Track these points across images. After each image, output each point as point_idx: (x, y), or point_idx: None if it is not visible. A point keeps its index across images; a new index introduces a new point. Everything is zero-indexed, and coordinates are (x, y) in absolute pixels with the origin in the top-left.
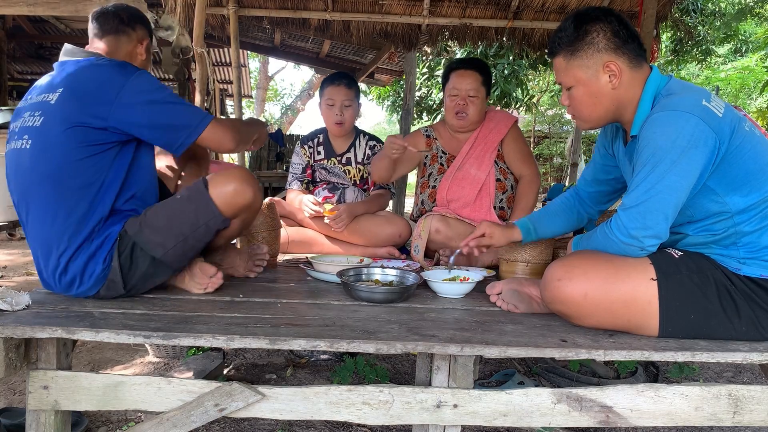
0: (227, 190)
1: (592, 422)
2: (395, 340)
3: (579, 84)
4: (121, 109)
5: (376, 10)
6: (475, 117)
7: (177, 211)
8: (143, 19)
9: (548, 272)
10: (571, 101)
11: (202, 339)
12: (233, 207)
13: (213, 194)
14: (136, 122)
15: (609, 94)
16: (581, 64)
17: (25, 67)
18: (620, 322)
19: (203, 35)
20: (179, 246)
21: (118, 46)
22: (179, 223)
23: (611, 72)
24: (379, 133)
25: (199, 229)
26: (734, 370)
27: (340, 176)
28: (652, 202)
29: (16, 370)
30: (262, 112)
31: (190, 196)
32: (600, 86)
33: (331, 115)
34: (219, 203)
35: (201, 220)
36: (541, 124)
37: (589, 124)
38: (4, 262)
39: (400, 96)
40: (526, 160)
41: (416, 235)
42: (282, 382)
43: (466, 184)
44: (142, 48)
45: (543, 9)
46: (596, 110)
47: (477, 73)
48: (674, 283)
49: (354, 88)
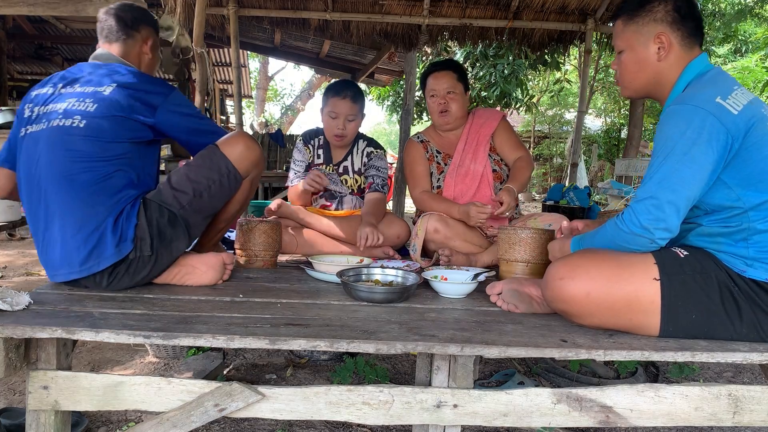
0: (239, 148)
1: (592, 422)
2: (395, 340)
3: (629, 49)
4: (165, 113)
5: (376, 10)
6: (458, 113)
7: (194, 169)
8: (147, 18)
9: (550, 271)
10: (618, 66)
11: (202, 339)
12: (245, 161)
13: (225, 152)
14: (178, 127)
15: (653, 65)
16: (636, 30)
17: (25, 67)
18: (622, 322)
19: (203, 35)
20: (195, 201)
21: (128, 51)
22: (196, 177)
23: (661, 44)
24: (379, 134)
25: (214, 185)
26: (734, 370)
27: (337, 184)
28: (665, 195)
29: (16, 370)
30: (262, 112)
31: (205, 155)
32: (647, 55)
33: (332, 127)
34: (232, 158)
35: (215, 175)
36: (541, 124)
37: (628, 91)
38: (4, 262)
39: (400, 96)
40: (517, 147)
41: (414, 234)
42: (282, 382)
43: (468, 179)
44: (148, 47)
45: (543, 9)
46: (637, 78)
47: (451, 72)
48: (677, 283)
49: (360, 101)
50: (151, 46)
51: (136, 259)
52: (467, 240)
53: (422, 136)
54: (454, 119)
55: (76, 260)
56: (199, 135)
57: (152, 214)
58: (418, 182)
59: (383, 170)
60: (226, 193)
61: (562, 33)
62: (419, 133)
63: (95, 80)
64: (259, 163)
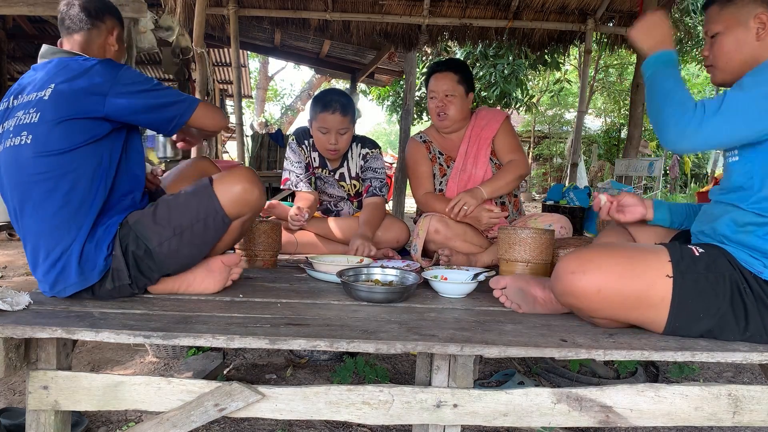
0: (235, 189)
1: (592, 422)
2: (395, 340)
3: (726, 29)
4: (114, 99)
5: (376, 10)
6: (456, 116)
7: (179, 204)
8: (111, 8)
9: (561, 264)
10: (712, 50)
11: (202, 339)
12: (237, 205)
13: (218, 191)
14: (131, 109)
15: (751, 44)
16: (734, 11)
17: (25, 67)
18: (632, 317)
19: (203, 35)
20: (174, 240)
21: (90, 41)
22: (178, 214)
23: (761, 23)
24: (379, 134)
25: (197, 224)
26: (734, 370)
27: (334, 187)
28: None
29: (16, 370)
30: (262, 112)
31: (194, 190)
32: (746, 35)
33: (324, 142)
34: (223, 200)
35: (201, 214)
36: (541, 124)
37: (722, 74)
38: (4, 262)
39: (400, 96)
40: (512, 150)
41: (415, 234)
42: (282, 382)
43: (471, 183)
44: (113, 38)
45: (543, 9)
46: (733, 59)
47: (452, 73)
48: (690, 281)
49: (350, 111)
50: (117, 36)
51: (116, 288)
52: (467, 240)
53: (424, 136)
54: (452, 122)
55: (47, 283)
56: (158, 110)
57: (129, 245)
58: (422, 183)
59: (380, 171)
60: (211, 235)
61: (562, 33)
62: (421, 132)
63: (38, 84)
64: (255, 206)
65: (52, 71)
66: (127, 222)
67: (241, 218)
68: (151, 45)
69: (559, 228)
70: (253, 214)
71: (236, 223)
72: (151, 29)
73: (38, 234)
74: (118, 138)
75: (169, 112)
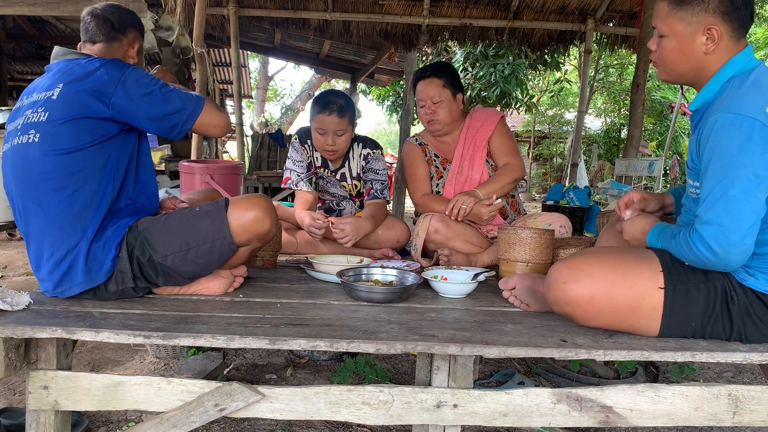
0: (248, 217)
1: (592, 422)
2: (395, 340)
3: (673, 36)
4: (120, 101)
5: (376, 11)
6: (446, 119)
7: (190, 221)
8: (134, 21)
9: (553, 273)
10: (658, 49)
11: (202, 339)
12: (247, 234)
13: (231, 215)
14: (135, 113)
15: (698, 56)
16: (683, 18)
17: (25, 67)
18: (622, 325)
19: (203, 35)
20: (179, 256)
21: (110, 53)
22: (187, 231)
23: (710, 36)
24: (379, 134)
25: (203, 246)
26: (734, 370)
27: (336, 186)
28: (732, 214)
29: (16, 370)
30: (262, 112)
31: (208, 211)
32: (693, 46)
33: (322, 143)
34: (234, 226)
35: (209, 237)
36: (541, 124)
37: (667, 76)
38: (4, 262)
39: (400, 96)
40: (508, 153)
41: (415, 234)
42: (282, 382)
43: (467, 186)
44: (134, 51)
45: (543, 9)
46: (679, 67)
47: (435, 78)
48: (681, 292)
49: (348, 113)
50: (137, 50)
51: (119, 290)
52: (467, 240)
53: (420, 139)
54: (443, 126)
55: (50, 282)
56: (164, 119)
57: (135, 250)
58: (419, 186)
59: (382, 173)
60: (216, 258)
61: (562, 33)
62: (417, 135)
63: (47, 84)
64: (265, 237)
65: (61, 71)
66: (136, 226)
67: (249, 246)
68: (151, 45)
69: (559, 227)
70: (261, 244)
71: (243, 249)
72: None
73: (43, 232)
74: (128, 140)
75: (171, 120)
